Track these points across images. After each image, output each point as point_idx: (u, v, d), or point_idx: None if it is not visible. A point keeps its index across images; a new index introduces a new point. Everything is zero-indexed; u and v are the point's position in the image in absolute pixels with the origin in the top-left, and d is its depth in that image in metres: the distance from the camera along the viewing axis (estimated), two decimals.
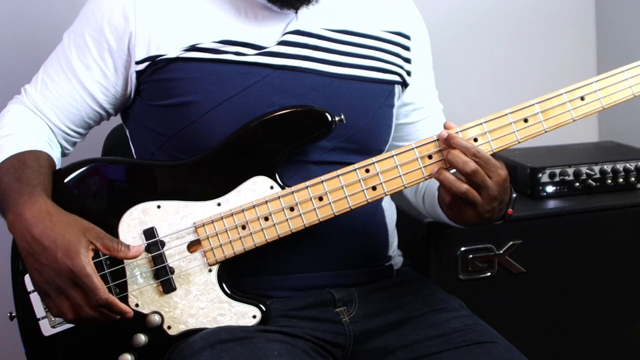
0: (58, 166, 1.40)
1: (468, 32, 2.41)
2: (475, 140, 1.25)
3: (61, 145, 1.46)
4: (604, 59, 2.42)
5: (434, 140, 1.26)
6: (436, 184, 1.32)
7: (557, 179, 1.95)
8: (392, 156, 1.26)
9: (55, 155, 1.40)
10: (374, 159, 1.27)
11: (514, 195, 1.34)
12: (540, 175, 1.95)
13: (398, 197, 1.58)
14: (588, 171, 1.96)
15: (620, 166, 1.97)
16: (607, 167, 1.97)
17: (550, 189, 1.95)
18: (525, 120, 1.24)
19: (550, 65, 2.41)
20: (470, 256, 1.80)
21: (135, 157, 1.48)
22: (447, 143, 1.24)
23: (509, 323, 1.75)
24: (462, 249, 1.79)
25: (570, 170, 1.96)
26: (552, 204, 1.91)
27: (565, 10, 2.46)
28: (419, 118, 1.57)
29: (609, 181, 1.97)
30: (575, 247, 1.86)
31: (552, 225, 1.84)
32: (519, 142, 1.25)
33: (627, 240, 1.88)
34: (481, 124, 1.25)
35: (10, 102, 1.46)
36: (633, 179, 1.98)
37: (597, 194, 1.95)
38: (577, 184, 1.96)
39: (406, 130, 1.56)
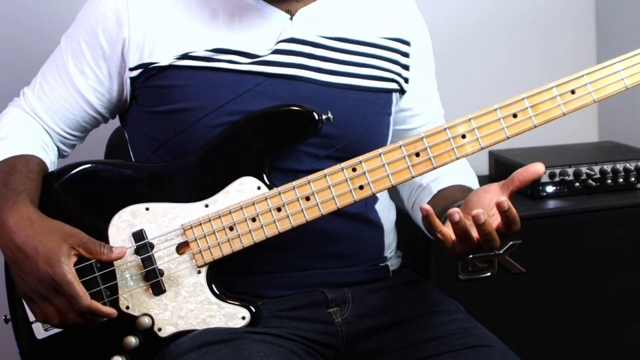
0: (51, 169, 1.33)
1: (468, 34, 2.33)
2: (464, 136, 1.15)
3: (59, 148, 1.40)
4: (604, 59, 2.33)
5: (421, 138, 1.17)
6: (425, 199, 1.27)
7: (557, 179, 1.89)
8: (379, 155, 1.18)
9: (50, 159, 1.35)
10: (360, 158, 1.19)
11: None
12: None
13: (398, 197, 1.53)
14: (588, 171, 1.90)
15: (620, 166, 1.91)
16: (607, 167, 1.90)
17: (550, 189, 1.89)
18: (515, 116, 1.14)
19: (550, 66, 2.33)
20: (470, 256, 1.73)
21: (133, 159, 1.42)
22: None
23: (509, 323, 1.74)
24: None
25: (570, 170, 1.90)
26: (552, 204, 1.85)
27: (565, 11, 2.38)
28: (419, 124, 1.48)
29: (609, 181, 1.91)
30: (575, 247, 1.79)
31: (552, 225, 1.78)
32: (508, 138, 1.15)
33: (627, 240, 1.82)
34: (469, 120, 1.15)
35: (10, 103, 1.41)
36: (633, 179, 1.92)
37: (597, 194, 1.89)
38: (577, 184, 1.90)
39: (405, 136, 1.46)
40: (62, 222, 1.21)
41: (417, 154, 1.17)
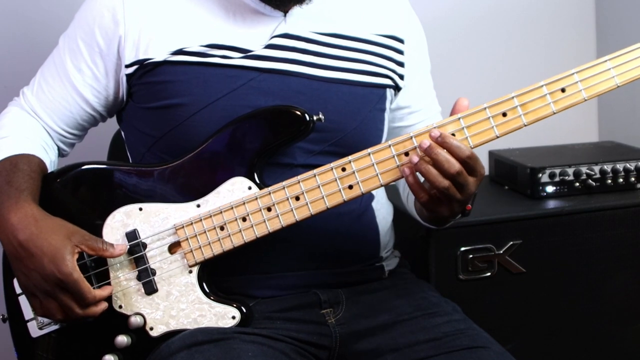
0: (51, 169, 1.32)
1: (467, 32, 2.29)
2: (453, 135, 1.12)
3: (58, 147, 1.40)
4: None
5: (410, 137, 1.14)
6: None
7: (557, 179, 1.85)
8: (369, 154, 1.15)
9: (50, 159, 1.34)
10: (350, 158, 1.16)
11: (476, 191, 1.23)
12: (540, 175, 1.84)
13: (397, 197, 1.51)
14: (588, 171, 1.85)
15: (620, 166, 1.87)
16: (607, 167, 1.86)
17: (550, 189, 1.85)
18: (504, 115, 1.11)
19: (550, 66, 2.27)
20: (470, 256, 1.70)
21: (129, 157, 1.41)
22: (439, 143, 1.11)
23: (508, 323, 1.71)
24: (462, 249, 1.69)
25: (570, 170, 1.85)
26: (552, 204, 1.81)
27: (565, 10, 2.34)
28: (416, 121, 1.45)
29: (609, 181, 1.86)
30: (575, 247, 1.75)
31: (552, 225, 1.74)
32: (498, 137, 1.12)
33: (627, 240, 1.77)
34: (458, 119, 1.12)
35: (10, 103, 1.41)
36: (633, 179, 1.87)
37: (597, 194, 1.85)
38: (577, 184, 1.86)
39: (403, 133, 1.44)
40: (63, 220, 1.20)
41: (406, 154, 1.14)
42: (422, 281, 1.46)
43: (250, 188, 1.19)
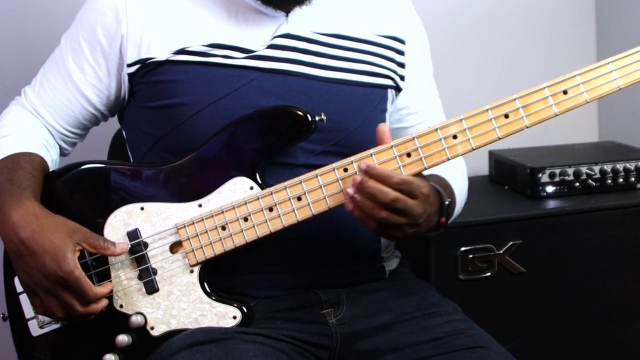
0: (52, 168, 1.32)
1: (467, 32, 2.29)
2: (455, 137, 1.12)
3: (60, 147, 1.40)
4: (603, 59, 2.30)
5: (412, 138, 1.14)
6: None
7: (557, 179, 1.86)
8: (371, 155, 1.15)
9: (51, 157, 1.34)
10: (352, 158, 1.16)
11: (447, 202, 1.21)
12: (540, 175, 1.85)
13: None
14: (588, 171, 1.86)
15: (620, 166, 1.87)
16: (607, 167, 1.87)
17: (550, 189, 1.86)
18: (506, 116, 1.11)
19: (550, 66, 2.29)
20: (470, 256, 1.71)
21: (130, 157, 1.41)
22: (366, 174, 1.11)
23: (508, 323, 1.72)
24: (462, 249, 1.70)
25: (570, 170, 1.86)
26: (552, 204, 1.82)
27: (565, 10, 2.34)
28: (416, 122, 1.45)
29: (609, 181, 1.87)
30: (575, 247, 1.76)
31: (552, 225, 1.75)
32: (500, 139, 1.12)
33: (627, 240, 1.77)
34: (460, 120, 1.12)
35: (11, 102, 1.41)
36: (633, 179, 1.88)
37: (597, 194, 1.86)
38: (577, 184, 1.87)
39: (403, 134, 1.43)
40: (65, 218, 1.21)
41: (409, 154, 1.14)
42: (423, 281, 1.46)
43: (252, 188, 1.19)
